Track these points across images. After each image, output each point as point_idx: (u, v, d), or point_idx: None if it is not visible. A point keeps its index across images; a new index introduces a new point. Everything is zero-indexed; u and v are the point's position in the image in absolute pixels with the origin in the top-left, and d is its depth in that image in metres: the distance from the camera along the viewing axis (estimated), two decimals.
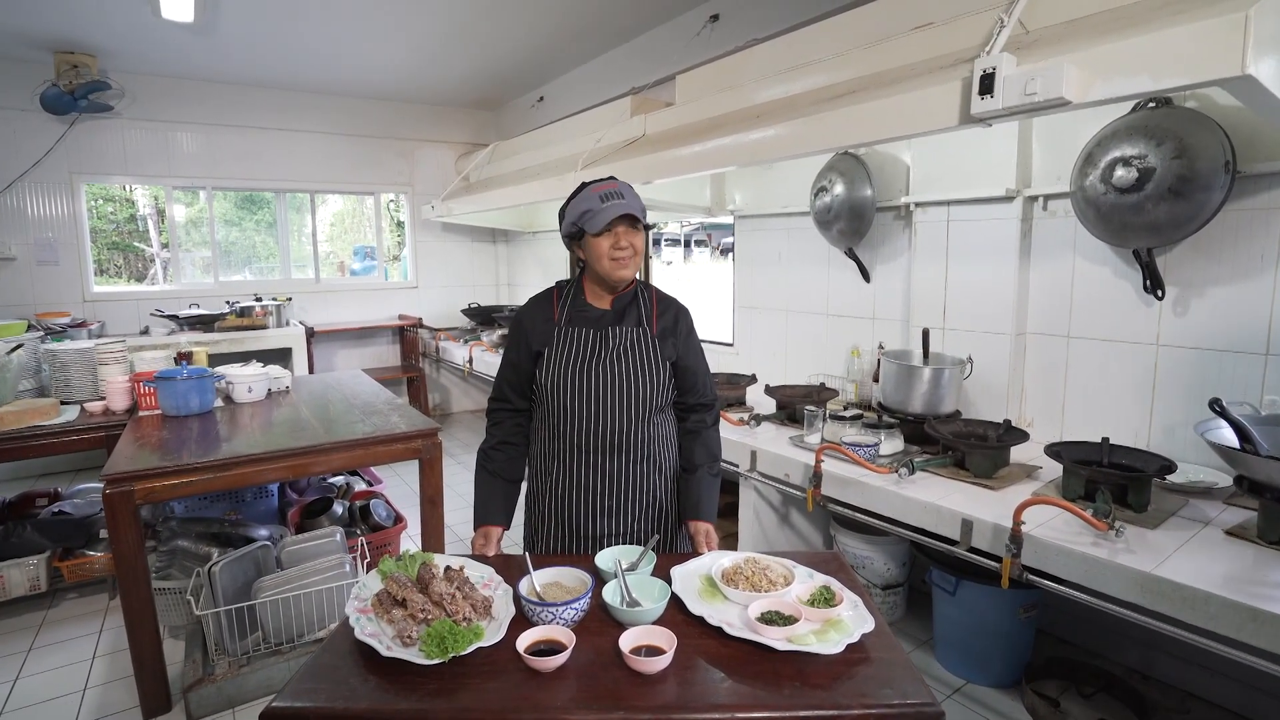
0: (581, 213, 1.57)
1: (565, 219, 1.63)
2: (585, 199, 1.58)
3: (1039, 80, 1.49)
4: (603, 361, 1.60)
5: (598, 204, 1.56)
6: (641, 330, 1.63)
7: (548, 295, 1.71)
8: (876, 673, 1.10)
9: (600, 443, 1.60)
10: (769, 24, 3.27)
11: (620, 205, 1.55)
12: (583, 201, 1.58)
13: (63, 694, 2.35)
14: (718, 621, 1.20)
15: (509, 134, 5.72)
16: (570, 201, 1.62)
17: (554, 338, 1.63)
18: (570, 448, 1.62)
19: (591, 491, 1.62)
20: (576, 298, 1.68)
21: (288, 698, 1.06)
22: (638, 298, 1.67)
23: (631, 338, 1.62)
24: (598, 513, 1.64)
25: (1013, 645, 2.30)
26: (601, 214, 1.54)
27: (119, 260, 6.85)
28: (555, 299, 1.69)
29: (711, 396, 1.74)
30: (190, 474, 2.16)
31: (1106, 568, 1.57)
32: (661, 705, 1.04)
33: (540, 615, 1.20)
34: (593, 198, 1.57)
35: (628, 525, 1.66)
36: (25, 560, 2.83)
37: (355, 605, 1.25)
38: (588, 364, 1.60)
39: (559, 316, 1.65)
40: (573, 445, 1.61)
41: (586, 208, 1.56)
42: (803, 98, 2.38)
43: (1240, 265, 2.03)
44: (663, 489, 1.68)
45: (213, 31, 4.06)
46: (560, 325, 1.64)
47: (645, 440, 1.62)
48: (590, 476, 1.62)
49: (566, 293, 1.69)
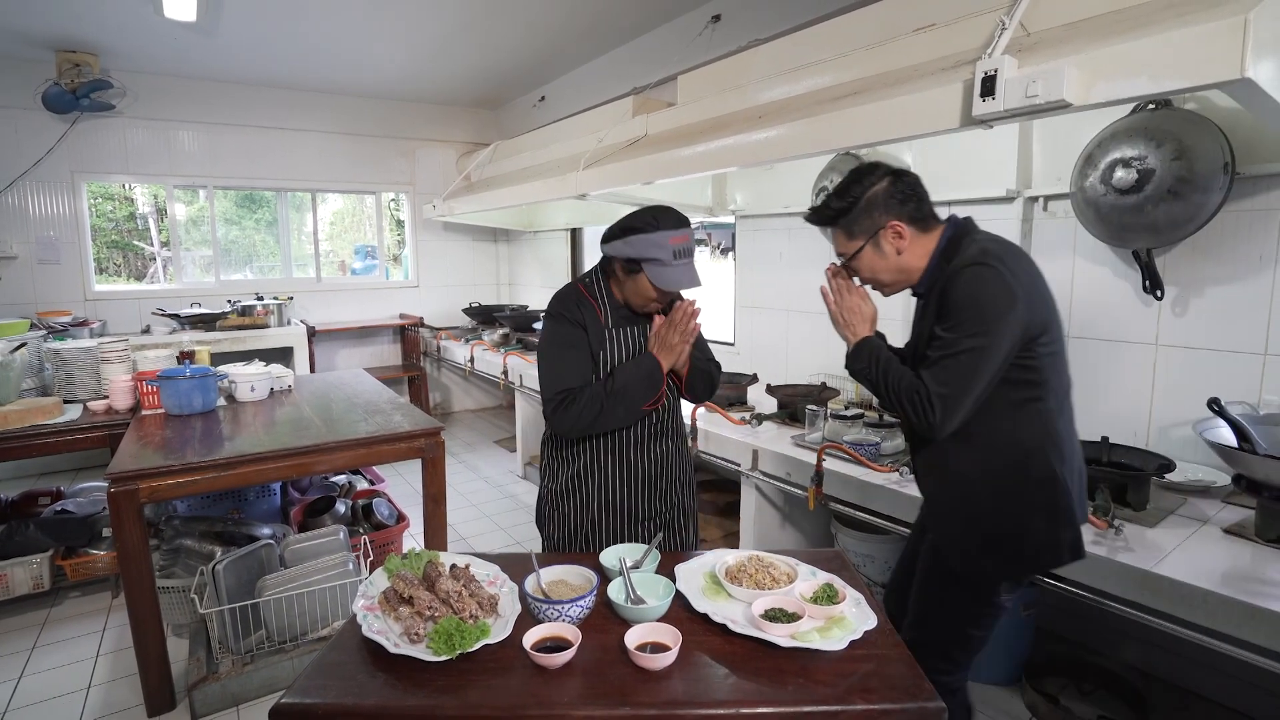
0: (651, 258, 1.56)
1: (627, 242, 1.58)
2: (659, 245, 1.56)
3: (1040, 82, 1.50)
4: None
5: (670, 258, 1.57)
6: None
7: (580, 296, 1.70)
8: (879, 669, 1.11)
9: (652, 431, 1.73)
10: (770, 25, 3.28)
11: (690, 276, 1.59)
12: (655, 246, 1.56)
13: (67, 692, 2.36)
14: (722, 618, 1.21)
15: (510, 133, 5.73)
16: (641, 231, 1.57)
17: (606, 340, 1.67)
18: (626, 441, 1.71)
19: (644, 478, 1.74)
20: (611, 298, 1.70)
21: (297, 694, 1.07)
22: None
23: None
24: (649, 496, 1.76)
25: (1013, 643, 2.31)
26: (670, 273, 1.57)
27: (118, 259, 6.85)
28: (592, 299, 1.69)
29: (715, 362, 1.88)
30: (194, 473, 2.17)
31: (1105, 565, 1.58)
32: (667, 701, 1.05)
33: (546, 613, 1.21)
34: (666, 246, 1.56)
35: (676, 502, 1.81)
36: (28, 559, 2.84)
37: (362, 603, 1.27)
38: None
39: (605, 319, 1.68)
40: (628, 438, 1.71)
41: (658, 256, 1.56)
42: (804, 99, 2.39)
43: (1239, 266, 2.05)
44: (689, 463, 1.86)
45: (214, 30, 4.07)
46: (609, 328, 1.68)
47: (680, 424, 1.82)
48: (645, 463, 1.73)
49: (599, 294, 1.70)
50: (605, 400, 1.58)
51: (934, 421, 1.34)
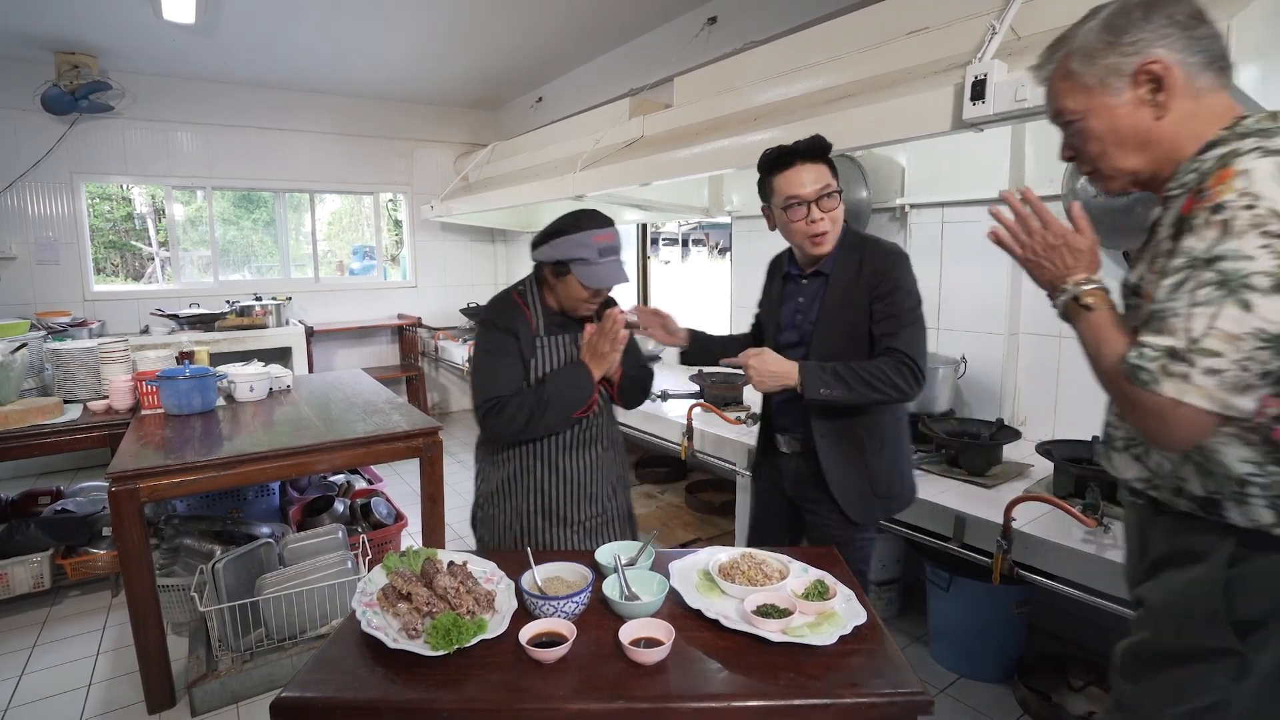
0: (576, 258, 1.60)
1: (553, 246, 1.63)
2: (584, 244, 1.60)
3: (1029, 87, 1.53)
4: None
5: (595, 257, 1.60)
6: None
7: (514, 304, 1.72)
8: (868, 663, 1.13)
9: (582, 436, 1.75)
10: (766, 27, 3.30)
11: (616, 273, 1.63)
12: (580, 246, 1.60)
13: (68, 689, 2.37)
14: (715, 614, 1.23)
15: (508, 134, 5.74)
16: (565, 234, 1.62)
17: (538, 347, 1.69)
18: (555, 446, 1.73)
19: (573, 482, 1.76)
20: (544, 305, 1.73)
21: (297, 688, 1.09)
22: None
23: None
24: (579, 500, 1.76)
25: (1005, 640, 2.33)
26: (596, 271, 1.61)
27: (116, 259, 6.85)
28: (525, 307, 1.71)
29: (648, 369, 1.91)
30: (194, 472, 2.19)
31: (1095, 563, 1.60)
32: (660, 695, 1.07)
33: (542, 608, 1.23)
34: (591, 246, 1.60)
35: (608, 506, 1.82)
36: (29, 558, 2.85)
37: (361, 599, 1.28)
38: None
39: (536, 326, 1.70)
40: (558, 443, 1.72)
41: (583, 256, 1.60)
42: (799, 101, 2.41)
43: None
44: (623, 468, 1.88)
45: (213, 32, 4.08)
46: (541, 335, 1.70)
47: (614, 429, 1.85)
48: (574, 468, 1.76)
49: (533, 302, 1.72)
50: (535, 407, 1.60)
51: (921, 383, 1.53)
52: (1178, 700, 1.01)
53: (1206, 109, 0.97)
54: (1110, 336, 0.99)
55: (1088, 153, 1.07)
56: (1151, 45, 0.95)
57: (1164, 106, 0.97)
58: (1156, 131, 0.98)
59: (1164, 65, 0.95)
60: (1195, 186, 0.91)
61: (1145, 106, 0.98)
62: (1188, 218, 0.89)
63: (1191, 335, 0.85)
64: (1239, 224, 0.83)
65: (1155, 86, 0.96)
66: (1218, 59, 0.97)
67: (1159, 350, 0.87)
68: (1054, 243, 1.07)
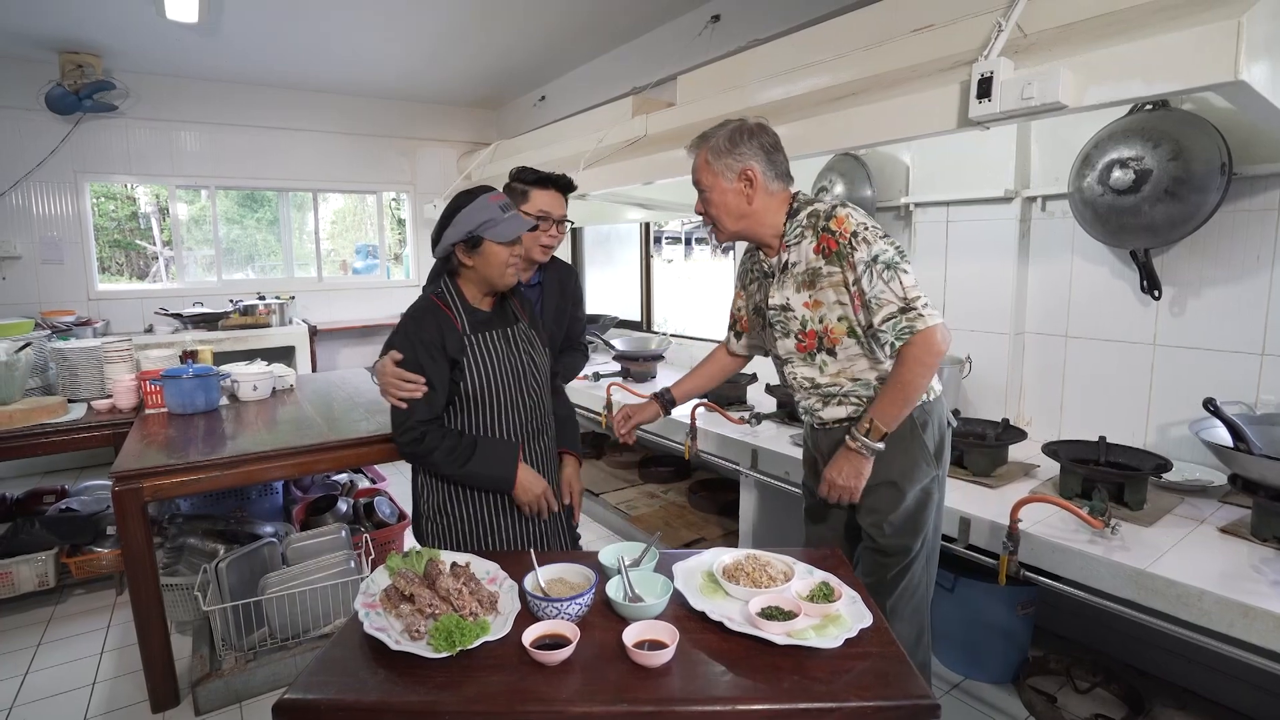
0: (482, 221, 1.62)
1: (455, 226, 1.64)
2: (483, 208, 1.62)
3: (1035, 84, 1.51)
4: (516, 357, 1.75)
5: (499, 214, 1.63)
6: (526, 320, 1.85)
7: (435, 308, 1.71)
8: (874, 667, 1.13)
9: (530, 428, 1.80)
10: (770, 25, 3.29)
11: (521, 220, 1.66)
12: (480, 210, 1.62)
13: (72, 688, 2.38)
14: (719, 616, 1.22)
15: (511, 133, 5.74)
16: (462, 210, 1.64)
17: (467, 346, 1.69)
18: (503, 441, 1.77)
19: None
20: (465, 303, 1.72)
21: (300, 689, 1.08)
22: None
23: (523, 328, 1.82)
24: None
25: (1011, 642, 2.32)
26: (506, 225, 1.63)
27: (120, 258, 6.86)
28: (448, 309, 1.71)
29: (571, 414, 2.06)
30: (197, 471, 2.19)
31: (1102, 565, 1.59)
32: (664, 698, 1.06)
33: (545, 610, 1.22)
34: (492, 207, 1.63)
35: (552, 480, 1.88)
36: (34, 556, 2.86)
37: (364, 600, 1.28)
38: (504, 363, 1.73)
39: (462, 326, 1.70)
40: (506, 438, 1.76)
41: (488, 217, 1.62)
42: (803, 99, 2.40)
43: (1236, 266, 2.05)
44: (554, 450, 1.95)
45: (216, 31, 4.08)
46: (468, 335, 1.70)
47: (550, 415, 1.90)
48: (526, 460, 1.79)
49: (453, 302, 1.72)
50: (455, 466, 1.68)
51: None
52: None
53: (776, 200, 1.60)
54: (896, 397, 1.52)
55: (710, 214, 1.63)
56: (749, 159, 1.55)
57: (751, 197, 1.57)
58: (749, 210, 1.59)
59: (754, 172, 1.55)
60: (821, 229, 1.51)
61: (743, 194, 1.57)
62: (840, 248, 1.48)
63: (902, 295, 1.46)
64: (870, 236, 1.47)
65: (749, 183, 1.56)
66: (784, 174, 1.60)
67: (892, 316, 1.46)
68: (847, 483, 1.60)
